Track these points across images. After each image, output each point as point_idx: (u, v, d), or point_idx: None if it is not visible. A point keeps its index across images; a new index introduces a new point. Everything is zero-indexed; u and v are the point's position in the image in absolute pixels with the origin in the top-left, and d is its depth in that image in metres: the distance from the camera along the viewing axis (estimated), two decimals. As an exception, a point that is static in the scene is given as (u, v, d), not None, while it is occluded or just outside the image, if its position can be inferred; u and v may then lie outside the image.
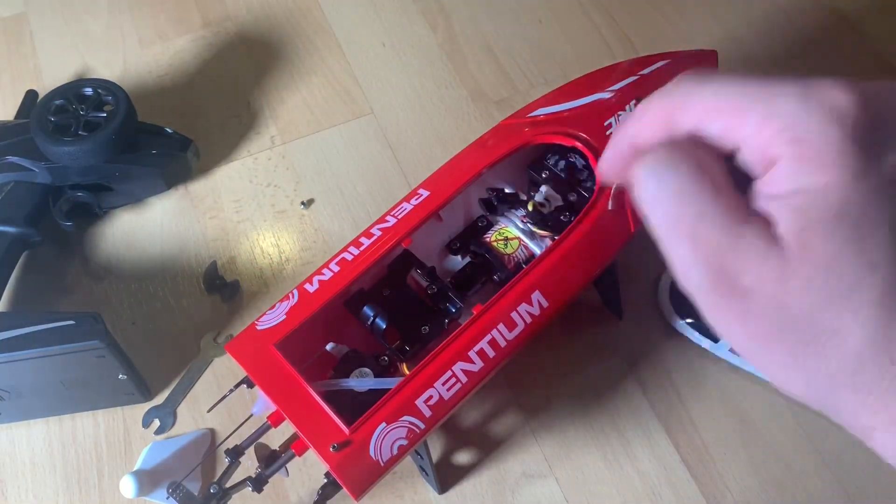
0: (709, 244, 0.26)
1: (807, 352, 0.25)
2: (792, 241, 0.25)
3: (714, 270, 0.26)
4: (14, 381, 0.50)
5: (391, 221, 0.47)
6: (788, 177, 0.25)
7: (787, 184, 0.25)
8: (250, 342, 0.43)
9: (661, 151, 0.27)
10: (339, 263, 0.45)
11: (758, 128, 0.26)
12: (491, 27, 0.72)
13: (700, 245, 0.26)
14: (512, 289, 0.44)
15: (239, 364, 0.43)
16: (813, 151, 0.24)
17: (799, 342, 0.25)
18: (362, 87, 0.69)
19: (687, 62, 0.53)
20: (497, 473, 0.51)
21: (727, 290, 0.25)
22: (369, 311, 0.45)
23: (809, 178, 0.24)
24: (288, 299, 0.44)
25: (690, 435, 0.52)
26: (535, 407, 0.53)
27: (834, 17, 0.71)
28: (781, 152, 0.25)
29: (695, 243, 0.26)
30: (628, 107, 0.50)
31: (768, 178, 0.26)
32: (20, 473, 0.53)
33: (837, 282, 0.24)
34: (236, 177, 0.65)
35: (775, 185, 0.25)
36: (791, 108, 0.25)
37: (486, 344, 0.43)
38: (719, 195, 0.26)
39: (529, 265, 0.45)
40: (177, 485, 0.45)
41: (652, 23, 0.72)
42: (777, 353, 0.25)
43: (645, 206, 0.27)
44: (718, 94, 0.27)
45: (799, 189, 0.25)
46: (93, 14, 0.75)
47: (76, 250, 0.61)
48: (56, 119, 0.58)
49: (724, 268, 0.25)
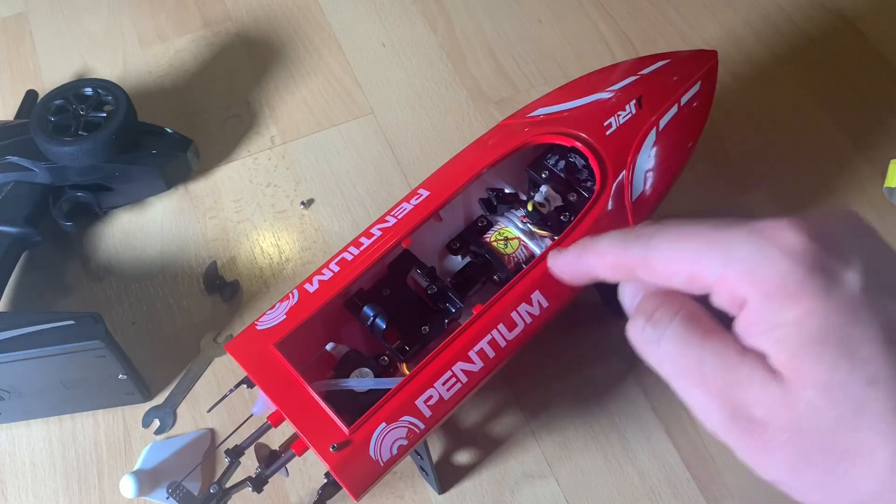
0: (716, 385, 0.27)
1: (840, 469, 0.25)
2: (786, 369, 0.26)
3: (728, 408, 0.26)
4: (14, 381, 0.50)
5: (391, 221, 0.47)
6: (762, 315, 0.26)
7: (763, 321, 0.26)
8: (250, 342, 0.43)
9: (654, 313, 0.29)
10: (339, 263, 0.45)
11: (720, 275, 0.27)
12: (491, 27, 0.72)
13: (710, 388, 0.27)
14: (512, 289, 0.44)
15: (239, 364, 0.43)
16: (776, 288, 0.26)
17: (829, 462, 0.25)
18: (362, 87, 0.69)
19: (687, 62, 0.53)
20: (497, 473, 0.51)
21: (745, 423, 0.26)
22: (369, 311, 0.45)
23: (781, 313, 0.26)
24: (288, 299, 0.44)
25: (690, 435, 0.52)
26: (535, 407, 0.53)
27: (834, 17, 0.71)
28: (748, 294, 0.26)
29: (705, 387, 0.27)
30: (628, 106, 0.50)
31: (744, 317, 0.27)
32: (20, 473, 0.53)
33: (843, 401, 0.25)
34: (236, 177, 0.65)
35: (753, 323, 0.26)
36: (746, 253, 0.27)
37: (486, 344, 0.43)
38: (713, 337, 0.28)
39: (529, 265, 0.45)
40: (177, 485, 0.45)
41: (652, 22, 0.72)
42: (811, 476, 0.26)
43: (653, 363, 0.29)
44: (675, 248, 0.29)
45: (775, 324, 0.26)
46: (93, 14, 0.75)
47: (76, 250, 0.61)
48: (56, 119, 0.58)
49: (736, 404, 0.26)
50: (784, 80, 0.68)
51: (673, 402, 0.53)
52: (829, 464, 0.25)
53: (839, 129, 0.64)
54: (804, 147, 0.64)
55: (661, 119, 0.50)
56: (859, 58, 0.69)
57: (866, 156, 0.63)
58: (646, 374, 0.54)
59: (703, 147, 0.59)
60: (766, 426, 0.26)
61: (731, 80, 0.67)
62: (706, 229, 0.28)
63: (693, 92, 0.52)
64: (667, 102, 0.50)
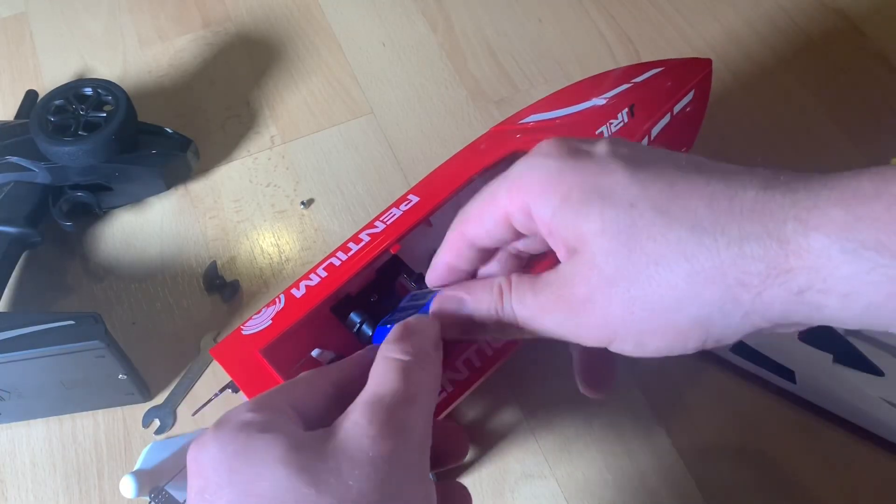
0: (553, 301, 0.32)
1: (651, 285, 0.29)
2: (574, 243, 0.31)
3: (565, 310, 0.32)
4: (14, 381, 0.50)
5: (380, 227, 0.46)
6: (541, 210, 0.31)
7: (544, 216, 0.31)
8: (235, 347, 0.43)
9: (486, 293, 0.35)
10: (326, 269, 0.44)
11: (506, 198, 0.33)
12: (491, 27, 0.72)
13: (549, 305, 0.32)
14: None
15: (224, 369, 0.42)
16: (543, 184, 0.32)
17: (640, 284, 0.29)
18: (362, 87, 0.69)
19: (681, 70, 0.53)
20: (496, 473, 0.51)
21: (582, 309, 0.31)
22: (356, 318, 0.45)
23: (552, 199, 0.31)
24: (274, 304, 0.44)
25: (690, 435, 0.52)
26: (535, 406, 0.53)
27: (835, 17, 0.71)
28: (527, 199, 0.32)
29: (549, 309, 0.33)
30: (620, 115, 0.49)
31: (535, 225, 0.32)
32: (20, 473, 0.53)
33: (621, 232, 0.29)
34: (236, 177, 0.65)
35: (543, 223, 0.32)
36: (517, 170, 0.33)
37: (472, 353, 0.43)
38: (525, 276, 0.34)
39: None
40: (160, 490, 0.44)
41: (652, 22, 0.72)
42: (636, 310, 0.30)
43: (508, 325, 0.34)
44: (476, 200, 0.35)
45: (551, 212, 0.31)
46: (93, 14, 0.75)
47: (76, 250, 0.61)
48: (56, 119, 0.59)
49: (570, 302, 0.32)
50: (784, 79, 0.68)
51: (673, 402, 0.53)
52: (642, 286, 0.28)
53: (839, 128, 0.64)
54: (804, 147, 0.64)
55: (654, 128, 0.50)
56: (860, 57, 0.69)
57: (867, 155, 0.63)
58: (646, 375, 0.54)
59: (703, 146, 0.59)
60: (591, 298, 0.29)
61: (732, 79, 0.67)
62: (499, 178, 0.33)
63: (686, 100, 0.51)
64: (659, 111, 0.50)
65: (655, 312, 0.29)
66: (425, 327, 0.34)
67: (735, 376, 0.53)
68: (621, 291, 0.29)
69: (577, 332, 0.31)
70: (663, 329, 0.29)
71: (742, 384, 0.53)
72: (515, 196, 0.32)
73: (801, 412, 0.51)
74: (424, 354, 0.33)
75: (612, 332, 0.30)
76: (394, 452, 0.28)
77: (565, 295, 0.30)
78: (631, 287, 0.29)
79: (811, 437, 0.51)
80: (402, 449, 0.29)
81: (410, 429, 0.29)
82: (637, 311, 0.29)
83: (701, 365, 0.54)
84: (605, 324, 0.30)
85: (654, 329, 0.29)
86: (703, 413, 0.52)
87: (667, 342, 0.29)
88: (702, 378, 0.53)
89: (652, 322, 0.29)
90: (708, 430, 0.52)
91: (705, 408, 0.52)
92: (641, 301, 0.29)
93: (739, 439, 0.51)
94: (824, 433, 0.51)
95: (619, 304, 0.29)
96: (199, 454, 0.29)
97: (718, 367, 0.53)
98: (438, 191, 0.47)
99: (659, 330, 0.29)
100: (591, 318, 0.30)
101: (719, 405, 0.52)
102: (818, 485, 0.49)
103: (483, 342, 0.45)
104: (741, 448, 0.51)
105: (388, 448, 0.28)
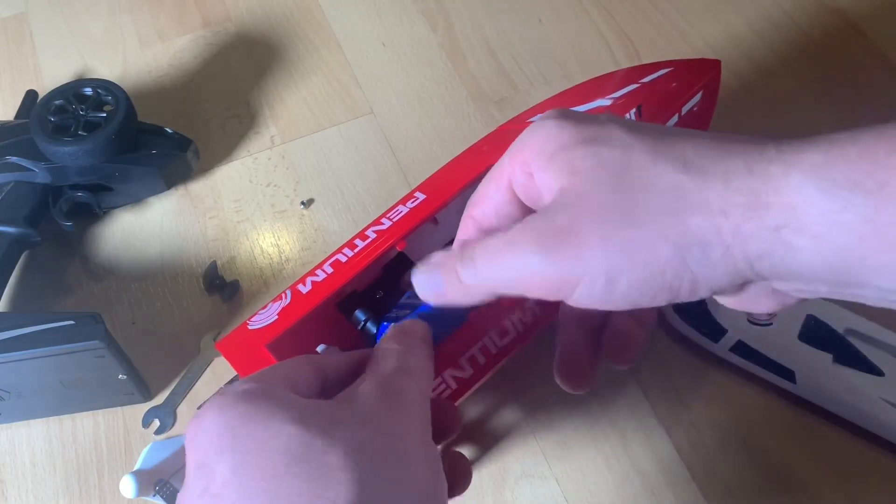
0: (527, 244, 0.33)
1: (637, 214, 0.30)
2: (565, 180, 0.32)
3: (540, 243, 0.33)
4: (14, 381, 0.50)
5: (386, 224, 0.46)
6: (537, 164, 0.33)
7: (539, 168, 0.33)
8: (241, 341, 0.43)
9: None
10: (332, 265, 0.45)
11: (510, 165, 0.34)
12: (491, 27, 0.72)
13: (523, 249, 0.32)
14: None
15: (229, 363, 0.42)
16: (539, 146, 0.33)
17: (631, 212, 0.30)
18: (362, 86, 0.69)
19: (689, 70, 0.52)
20: (496, 472, 0.51)
21: (567, 240, 0.31)
22: (361, 315, 0.45)
23: (545, 155, 0.32)
24: (280, 299, 0.44)
25: (690, 435, 0.52)
26: (535, 406, 0.53)
27: (835, 17, 0.71)
28: (528, 161, 0.33)
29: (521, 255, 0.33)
30: (628, 115, 0.50)
31: (533, 183, 0.33)
32: (20, 473, 0.53)
33: (605, 165, 0.31)
34: (236, 177, 0.65)
35: (538, 175, 0.33)
36: (520, 140, 0.34)
37: (476, 350, 0.43)
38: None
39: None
40: (164, 483, 0.45)
41: (652, 22, 0.72)
42: (623, 236, 0.30)
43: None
44: (486, 176, 0.37)
45: (548, 159, 0.33)
46: (93, 14, 0.75)
47: (76, 250, 0.61)
48: (56, 119, 0.59)
49: (546, 239, 0.32)
50: (785, 79, 0.67)
51: (673, 402, 0.53)
52: (625, 213, 0.29)
53: (840, 128, 0.64)
54: (804, 147, 0.64)
55: None
56: (861, 57, 0.69)
57: (867, 155, 0.63)
58: (646, 375, 0.54)
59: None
60: (570, 227, 0.30)
61: (732, 79, 0.67)
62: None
63: (694, 101, 0.51)
64: (667, 112, 0.50)
65: (634, 242, 0.28)
66: (415, 326, 0.38)
67: (735, 376, 0.53)
68: (602, 218, 0.29)
69: (541, 272, 0.30)
70: (641, 263, 0.28)
71: (742, 384, 0.53)
72: (516, 156, 0.33)
73: (801, 412, 0.51)
74: (415, 345, 0.37)
75: (581, 269, 0.29)
76: (395, 409, 0.31)
77: (540, 227, 0.30)
78: (613, 213, 0.29)
79: (811, 437, 0.51)
80: (403, 408, 0.32)
81: (410, 392, 0.33)
82: (615, 240, 0.29)
83: (701, 365, 0.54)
84: (577, 257, 0.29)
85: (630, 264, 0.28)
86: (703, 413, 0.52)
87: (641, 279, 0.29)
88: (702, 378, 0.53)
89: (628, 254, 0.28)
90: (708, 430, 0.52)
91: (705, 408, 0.52)
92: (623, 230, 0.29)
93: (739, 439, 0.51)
94: (824, 433, 0.51)
95: (599, 233, 0.29)
96: (197, 429, 0.29)
97: (718, 367, 0.53)
98: (445, 188, 0.47)
99: (636, 264, 0.28)
100: (562, 252, 0.29)
101: (719, 405, 0.52)
102: (818, 485, 0.49)
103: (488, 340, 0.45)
104: (741, 448, 0.51)
105: (388, 404, 0.31)
